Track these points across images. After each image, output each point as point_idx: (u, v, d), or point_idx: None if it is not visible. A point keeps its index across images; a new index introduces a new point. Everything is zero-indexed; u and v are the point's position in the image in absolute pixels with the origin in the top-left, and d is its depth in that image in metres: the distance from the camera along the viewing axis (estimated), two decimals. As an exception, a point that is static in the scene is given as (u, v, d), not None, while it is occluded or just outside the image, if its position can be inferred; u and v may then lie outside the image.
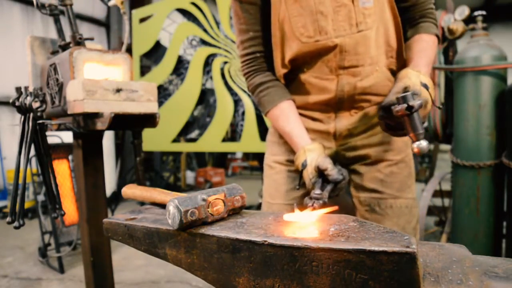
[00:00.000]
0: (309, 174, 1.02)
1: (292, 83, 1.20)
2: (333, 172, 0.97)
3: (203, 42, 3.71)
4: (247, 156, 10.33)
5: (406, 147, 1.19)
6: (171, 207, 0.65)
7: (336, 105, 1.14)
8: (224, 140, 3.67)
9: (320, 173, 1.01)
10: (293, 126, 1.14)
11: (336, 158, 1.21)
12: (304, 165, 1.03)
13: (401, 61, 1.14)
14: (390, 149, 1.16)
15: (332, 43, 1.07)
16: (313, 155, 1.03)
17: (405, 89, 0.88)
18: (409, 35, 1.15)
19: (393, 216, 1.15)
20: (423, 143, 0.74)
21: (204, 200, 0.67)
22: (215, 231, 0.63)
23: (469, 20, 2.42)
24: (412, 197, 1.18)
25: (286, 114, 1.15)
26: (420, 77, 0.92)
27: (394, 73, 1.15)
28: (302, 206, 0.79)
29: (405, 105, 0.75)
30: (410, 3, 1.13)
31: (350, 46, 1.07)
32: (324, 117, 1.18)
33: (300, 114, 1.20)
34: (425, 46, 1.09)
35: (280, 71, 1.18)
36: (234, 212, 0.73)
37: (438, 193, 3.18)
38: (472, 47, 2.30)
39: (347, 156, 1.20)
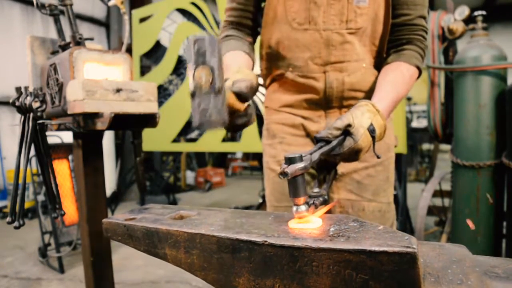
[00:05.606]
0: (221, 80, 0.74)
1: (279, 82, 1.20)
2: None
3: (203, 42, 3.71)
4: (247, 156, 10.33)
5: (388, 151, 1.17)
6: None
7: (325, 103, 1.14)
8: (224, 140, 3.67)
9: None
10: (238, 61, 1.06)
11: (326, 159, 1.20)
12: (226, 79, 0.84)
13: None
14: (370, 150, 1.15)
15: (319, 35, 1.07)
16: (245, 76, 0.83)
17: (347, 127, 0.83)
18: (389, 60, 1.09)
19: (364, 219, 1.14)
20: (302, 208, 0.66)
21: None
22: (215, 231, 0.63)
23: (469, 20, 2.42)
24: (386, 202, 1.17)
25: (236, 55, 1.11)
26: (374, 119, 0.88)
27: (380, 70, 1.12)
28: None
29: (281, 169, 0.65)
30: (400, 20, 1.08)
31: (336, 42, 1.07)
32: (314, 115, 1.17)
33: (289, 113, 1.20)
34: (400, 78, 1.03)
35: (264, 49, 1.19)
36: None
37: (438, 193, 3.19)
38: (472, 47, 2.30)
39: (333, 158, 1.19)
